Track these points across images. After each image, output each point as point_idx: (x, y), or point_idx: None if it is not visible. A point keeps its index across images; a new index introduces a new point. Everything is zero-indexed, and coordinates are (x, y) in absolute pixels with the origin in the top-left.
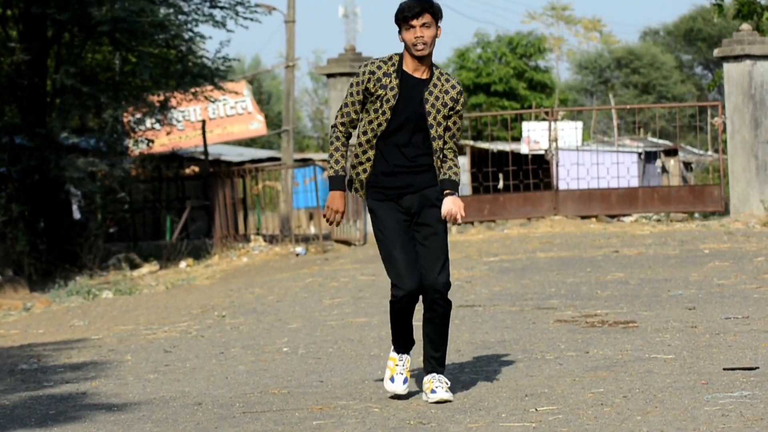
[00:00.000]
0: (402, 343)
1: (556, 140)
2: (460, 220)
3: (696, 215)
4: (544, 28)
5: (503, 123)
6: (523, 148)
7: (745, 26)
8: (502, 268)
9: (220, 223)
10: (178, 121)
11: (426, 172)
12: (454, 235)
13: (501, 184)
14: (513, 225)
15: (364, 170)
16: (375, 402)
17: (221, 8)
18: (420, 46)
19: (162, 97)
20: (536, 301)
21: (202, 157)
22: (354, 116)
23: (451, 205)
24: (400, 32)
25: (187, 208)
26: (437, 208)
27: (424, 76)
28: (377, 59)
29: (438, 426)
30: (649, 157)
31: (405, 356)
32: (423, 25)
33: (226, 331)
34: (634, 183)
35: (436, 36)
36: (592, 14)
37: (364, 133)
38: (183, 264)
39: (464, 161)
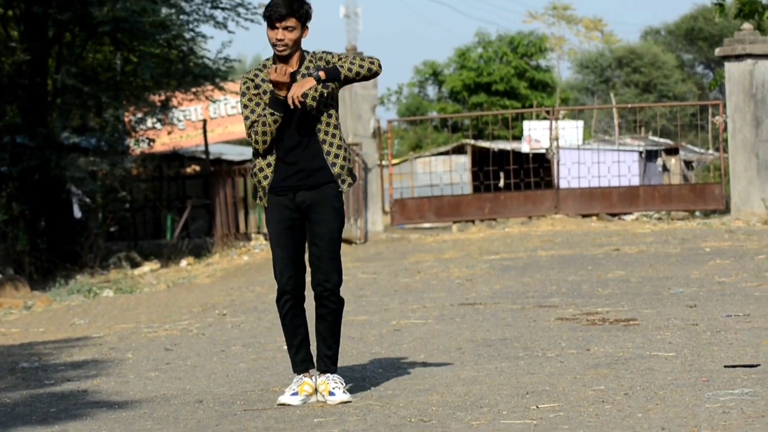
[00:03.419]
0: (296, 356)
1: (557, 139)
2: (295, 103)
3: (697, 213)
4: (545, 28)
5: (504, 122)
6: (524, 147)
7: (747, 26)
8: (503, 266)
9: (221, 222)
10: (179, 121)
11: (321, 169)
12: (455, 233)
13: (502, 183)
14: (514, 223)
15: (265, 177)
16: (376, 399)
17: (222, 9)
18: (280, 48)
19: (163, 97)
20: (537, 299)
21: (203, 156)
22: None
23: (294, 88)
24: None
25: (187, 207)
26: (329, 205)
27: (295, 68)
28: (252, 69)
29: (439, 423)
30: (650, 156)
31: (299, 377)
32: (286, 28)
33: (227, 330)
34: (635, 182)
35: (301, 37)
36: (593, 14)
37: (260, 142)
38: (184, 263)
39: (465, 160)
